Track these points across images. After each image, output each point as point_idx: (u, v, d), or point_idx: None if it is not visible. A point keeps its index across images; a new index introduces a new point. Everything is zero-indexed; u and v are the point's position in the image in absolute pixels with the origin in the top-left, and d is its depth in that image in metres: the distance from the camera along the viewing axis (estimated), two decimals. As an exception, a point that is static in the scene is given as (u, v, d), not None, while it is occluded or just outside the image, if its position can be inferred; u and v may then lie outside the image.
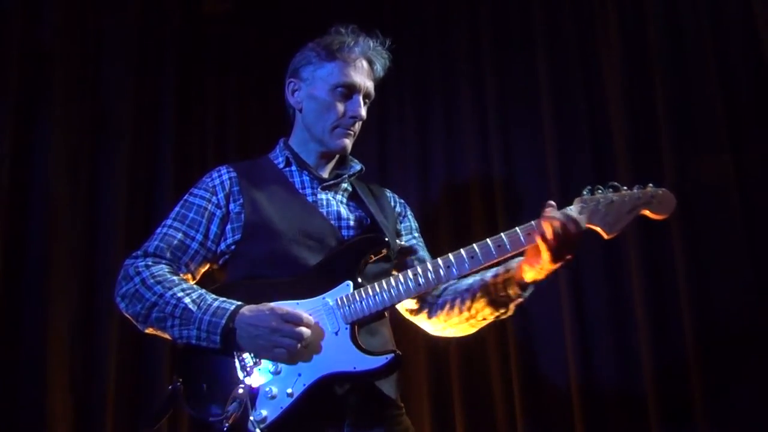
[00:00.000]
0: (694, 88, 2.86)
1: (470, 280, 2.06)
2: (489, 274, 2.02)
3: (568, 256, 1.87)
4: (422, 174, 3.44)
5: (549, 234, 1.82)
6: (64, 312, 2.84)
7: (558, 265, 1.88)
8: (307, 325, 1.79)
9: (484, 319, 2.06)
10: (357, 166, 2.18)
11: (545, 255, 1.85)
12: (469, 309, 2.04)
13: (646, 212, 1.91)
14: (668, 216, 1.93)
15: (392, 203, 2.25)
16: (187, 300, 1.85)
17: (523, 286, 1.97)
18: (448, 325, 2.11)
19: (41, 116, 2.89)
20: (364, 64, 2.10)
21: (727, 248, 2.70)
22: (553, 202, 1.91)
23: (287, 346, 1.76)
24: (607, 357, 2.91)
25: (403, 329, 2.76)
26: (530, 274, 1.93)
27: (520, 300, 2.01)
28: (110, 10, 3.23)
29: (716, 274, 2.70)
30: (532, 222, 1.89)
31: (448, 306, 2.08)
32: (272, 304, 1.82)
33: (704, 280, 2.71)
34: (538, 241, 1.85)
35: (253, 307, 1.82)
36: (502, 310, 2.03)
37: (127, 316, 1.95)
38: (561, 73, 3.22)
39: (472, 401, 3.11)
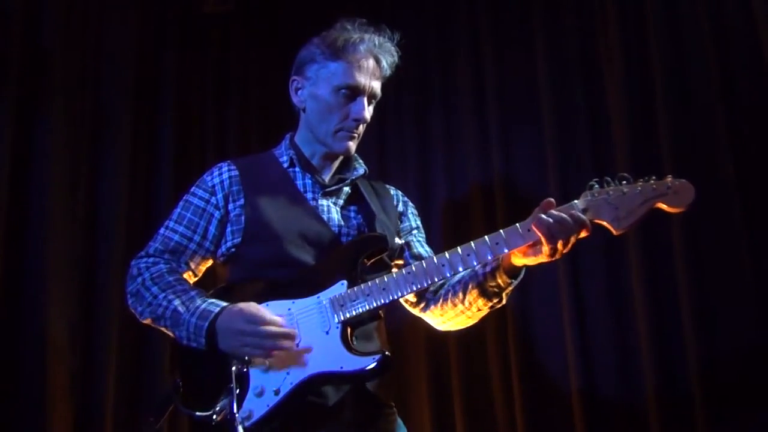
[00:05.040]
0: (695, 88, 2.86)
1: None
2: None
3: (566, 251, 1.81)
4: (422, 174, 3.43)
5: (549, 233, 1.77)
6: (64, 312, 2.84)
7: (555, 258, 1.82)
8: (271, 323, 1.79)
9: (479, 310, 1.99)
10: (360, 169, 2.12)
11: (545, 249, 1.79)
12: (462, 302, 1.99)
13: (661, 205, 1.76)
14: (685, 209, 1.76)
15: (395, 202, 2.20)
16: (177, 302, 1.87)
17: (512, 272, 1.91)
18: (446, 318, 2.07)
19: (41, 116, 2.88)
20: (370, 63, 2.00)
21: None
22: (552, 199, 1.84)
23: (250, 345, 1.77)
24: (608, 360, 2.91)
25: (404, 329, 2.76)
26: (521, 260, 1.87)
27: (511, 288, 1.95)
28: (110, 10, 3.23)
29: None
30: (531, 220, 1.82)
31: (441, 300, 2.04)
32: (241, 305, 1.82)
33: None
34: (540, 236, 1.78)
35: (233, 309, 1.82)
36: (495, 300, 1.97)
37: (133, 311, 1.99)
38: (561, 73, 3.22)
39: (471, 402, 3.10)
